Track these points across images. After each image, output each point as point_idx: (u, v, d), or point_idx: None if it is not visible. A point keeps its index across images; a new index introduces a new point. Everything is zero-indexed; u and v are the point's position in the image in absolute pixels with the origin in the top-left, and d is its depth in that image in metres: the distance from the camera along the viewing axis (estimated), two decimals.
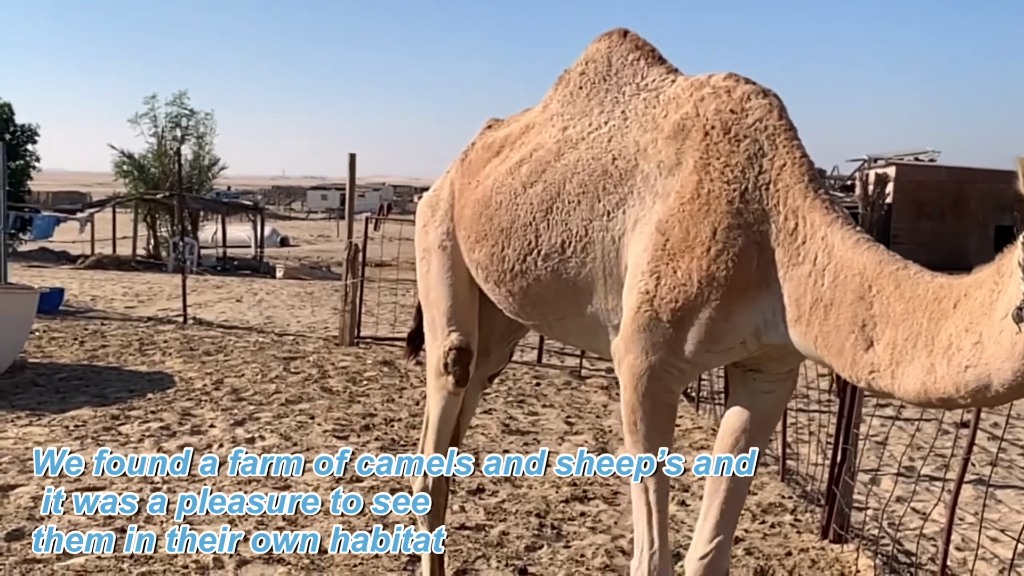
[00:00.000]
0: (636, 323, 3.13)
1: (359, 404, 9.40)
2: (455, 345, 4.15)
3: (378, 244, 18.86)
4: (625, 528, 6.07)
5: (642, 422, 3.14)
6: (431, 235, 4.26)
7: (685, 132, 3.26)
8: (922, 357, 2.58)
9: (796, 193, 3.00)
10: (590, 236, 3.40)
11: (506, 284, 3.75)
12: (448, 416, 4.36)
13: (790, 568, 5.52)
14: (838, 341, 2.80)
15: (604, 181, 3.40)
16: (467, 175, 4.11)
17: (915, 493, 6.62)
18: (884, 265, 2.76)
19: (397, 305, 17.03)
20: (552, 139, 3.71)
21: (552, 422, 9.14)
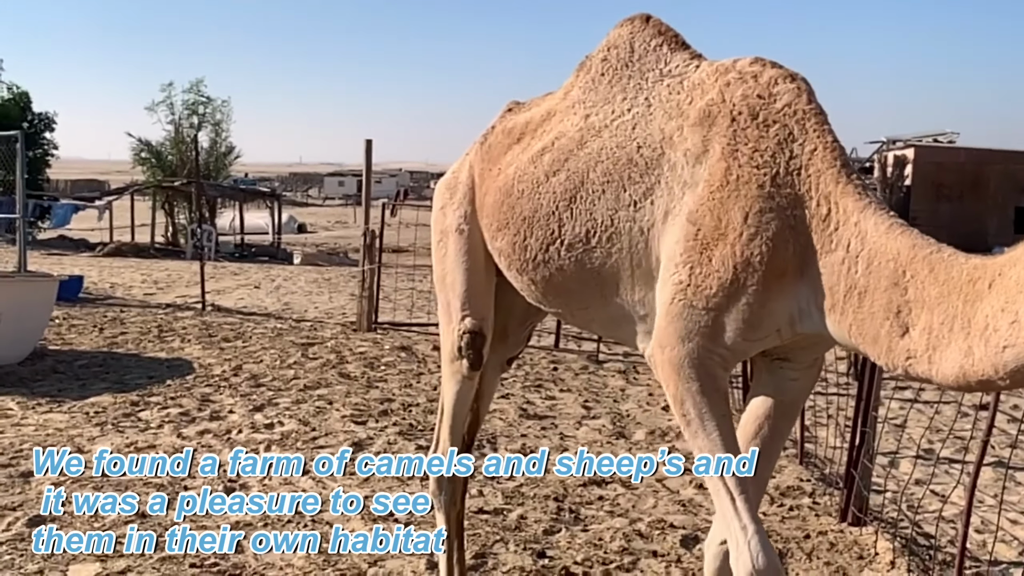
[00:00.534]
0: (670, 314, 3.05)
1: (377, 389, 9.43)
2: (469, 329, 4.10)
3: (395, 230, 18.83)
4: (643, 512, 6.08)
5: (695, 409, 3.01)
6: (449, 218, 4.21)
7: (711, 119, 3.19)
8: (959, 340, 2.53)
9: (828, 178, 2.94)
10: (616, 226, 3.34)
11: (528, 273, 3.70)
12: (463, 400, 4.33)
13: (808, 551, 5.52)
14: (873, 328, 2.75)
15: (629, 170, 3.33)
16: (487, 160, 4.06)
17: (934, 476, 6.62)
18: (917, 249, 2.70)
19: (414, 291, 17.04)
20: (574, 127, 3.65)
21: (569, 407, 9.15)
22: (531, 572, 5.05)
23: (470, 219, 4.11)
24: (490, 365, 4.51)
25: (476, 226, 4.08)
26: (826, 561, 5.37)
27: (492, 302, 4.21)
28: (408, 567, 5.04)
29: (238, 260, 30.39)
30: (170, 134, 39.71)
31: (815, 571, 5.24)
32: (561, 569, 5.09)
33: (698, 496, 6.45)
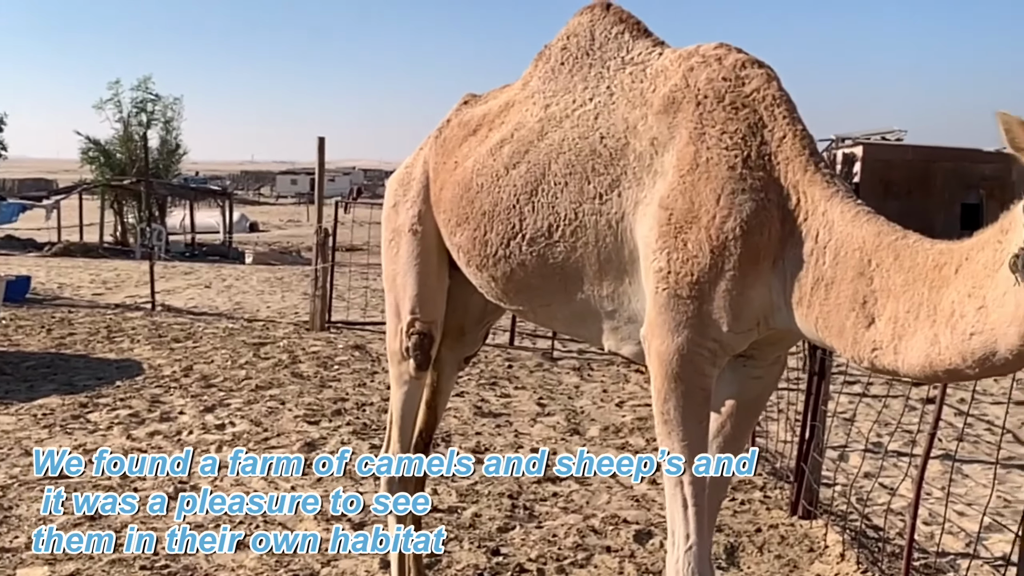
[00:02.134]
0: (657, 304, 2.99)
1: (330, 389, 9.38)
2: (418, 331, 4.05)
3: (348, 228, 18.80)
4: (597, 507, 6.11)
5: (676, 410, 2.97)
6: (402, 216, 4.11)
7: (676, 105, 3.13)
8: (925, 328, 2.48)
9: (796, 167, 2.90)
10: (580, 220, 3.26)
11: (489, 269, 3.61)
12: (412, 401, 4.27)
13: (760, 544, 5.57)
14: (839, 320, 2.71)
15: (593, 161, 3.26)
16: (443, 154, 3.96)
17: (882, 469, 6.70)
18: (883, 236, 2.67)
19: (368, 290, 16.98)
20: (534, 117, 3.56)
21: (524, 404, 9.16)
22: (485, 570, 5.05)
23: (424, 218, 4.01)
24: (447, 364, 4.49)
25: (430, 225, 3.99)
26: (777, 554, 5.43)
27: (444, 303, 4.15)
28: (361, 567, 5.02)
29: (189, 259, 30.08)
30: (119, 132, 39.25)
31: (766, 564, 5.29)
32: (515, 566, 5.10)
33: (651, 491, 6.49)
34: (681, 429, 2.97)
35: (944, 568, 5.38)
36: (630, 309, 3.23)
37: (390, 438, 4.38)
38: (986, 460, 7.42)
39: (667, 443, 3.01)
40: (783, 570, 5.22)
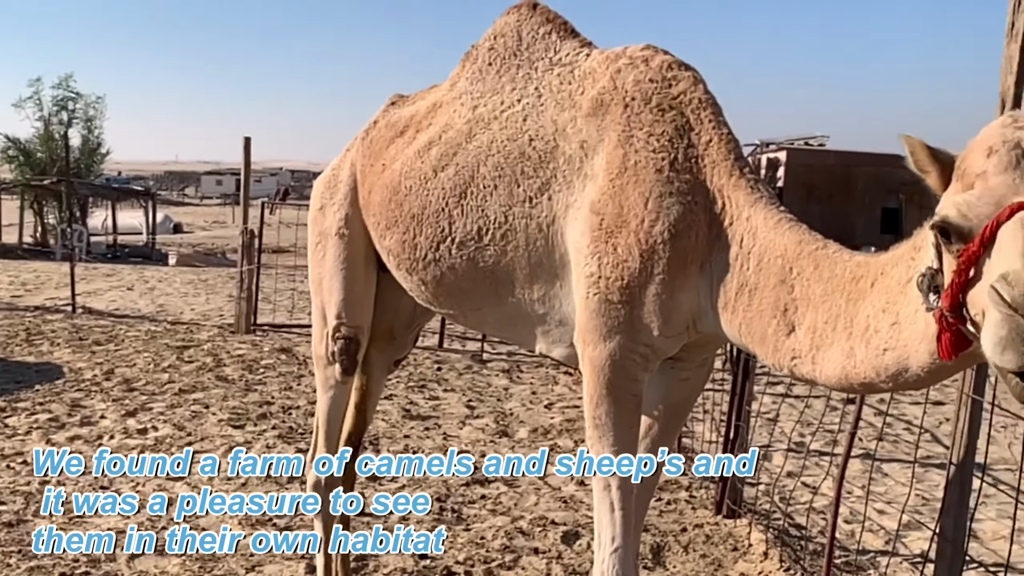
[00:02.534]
0: (588, 309, 2.99)
1: (256, 393, 9.26)
2: (343, 335, 4.01)
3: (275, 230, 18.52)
4: (525, 509, 6.12)
5: (607, 416, 2.98)
6: (328, 219, 4.06)
7: (604, 107, 3.12)
8: (841, 340, 2.50)
9: (722, 171, 2.90)
10: (510, 223, 3.23)
11: (418, 273, 3.57)
12: (338, 405, 4.22)
13: (685, 544, 5.63)
14: (761, 327, 2.72)
15: (522, 164, 3.23)
16: (371, 156, 3.91)
17: (805, 468, 6.82)
18: (804, 245, 2.68)
19: (295, 292, 16.78)
20: (462, 119, 3.53)
21: (453, 406, 9.14)
22: (413, 573, 5.02)
23: (351, 221, 3.96)
24: (376, 367, 4.46)
25: (358, 228, 3.94)
26: (702, 553, 5.49)
27: (371, 308, 4.11)
28: (287, 571, 4.97)
29: (110, 261, 29.47)
30: (39, 131, 38.36)
31: (691, 563, 5.35)
32: (443, 569, 5.08)
33: (579, 492, 6.52)
34: (612, 434, 2.99)
35: (865, 565, 5.49)
36: (561, 312, 3.22)
37: (316, 442, 4.34)
38: (905, 459, 7.59)
39: (597, 447, 3.02)
40: (708, 569, 5.29)
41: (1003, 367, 1.98)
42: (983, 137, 2.22)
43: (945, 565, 3.79)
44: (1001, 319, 1.96)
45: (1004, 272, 1.97)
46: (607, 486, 3.00)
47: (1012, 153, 2.12)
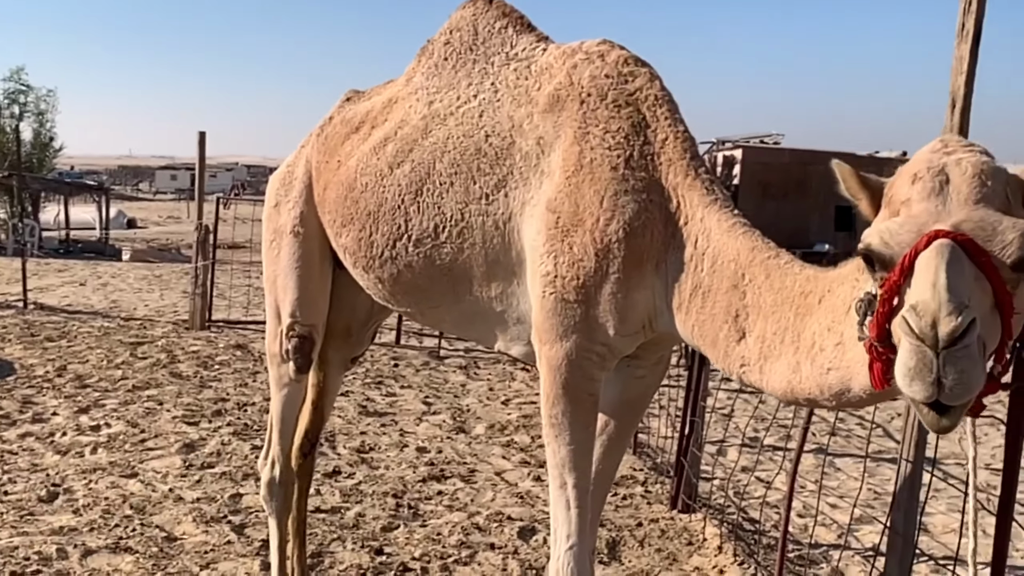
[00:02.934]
0: (544, 308, 2.96)
1: (210, 389, 9.18)
2: (298, 334, 3.97)
3: (230, 225, 18.44)
4: (481, 505, 6.13)
5: (564, 415, 2.97)
6: (283, 217, 4.01)
7: (561, 103, 3.10)
8: (788, 354, 2.49)
9: (678, 170, 2.88)
10: (467, 220, 3.19)
11: (375, 270, 3.53)
12: (292, 404, 4.19)
13: (640, 538, 5.67)
14: (713, 331, 2.71)
15: (478, 160, 3.20)
16: (326, 152, 3.86)
17: (759, 463, 6.88)
18: (756, 252, 2.67)
19: (251, 288, 16.68)
20: (418, 115, 3.49)
21: (410, 403, 9.13)
22: (368, 569, 5.01)
23: (306, 219, 3.92)
24: (333, 364, 4.42)
25: (313, 226, 3.90)
26: (657, 548, 5.53)
27: (326, 306, 4.08)
28: (242, 568, 4.94)
29: (63, 256, 29.07)
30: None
31: (647, 558, 5.38)
32: (399, 565, 5.08)
33: (536, 488, 6.54)
34: (568, 433, 2.98)
35: (817, 559, 5.55)
36: (519, 310, 3.20)
37: (270, 440, 4.30)
38: (857, 454, 7.69)
39: (554, 445, 3.01)
40: (663, 563, 5.33)
41: (912, 398, 1.97)
42: (911, 163, 2.22)
43: (896, 558, 3.84)
44: (910, 349, 1.95)
45: (914, 302, 1.96)
46: (563, 484, 3.00)
47: (936, 180, 2.12)
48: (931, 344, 1.90)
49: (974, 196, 2.07)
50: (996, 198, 2.09)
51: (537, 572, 5.09)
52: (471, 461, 7.19)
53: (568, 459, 2.99)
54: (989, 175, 2.11)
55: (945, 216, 2.06)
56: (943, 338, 1.89)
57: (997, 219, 2.04)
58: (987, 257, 2.00)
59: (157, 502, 5.86)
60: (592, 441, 3.11)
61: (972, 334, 1.90)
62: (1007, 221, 2.03)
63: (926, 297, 1.93)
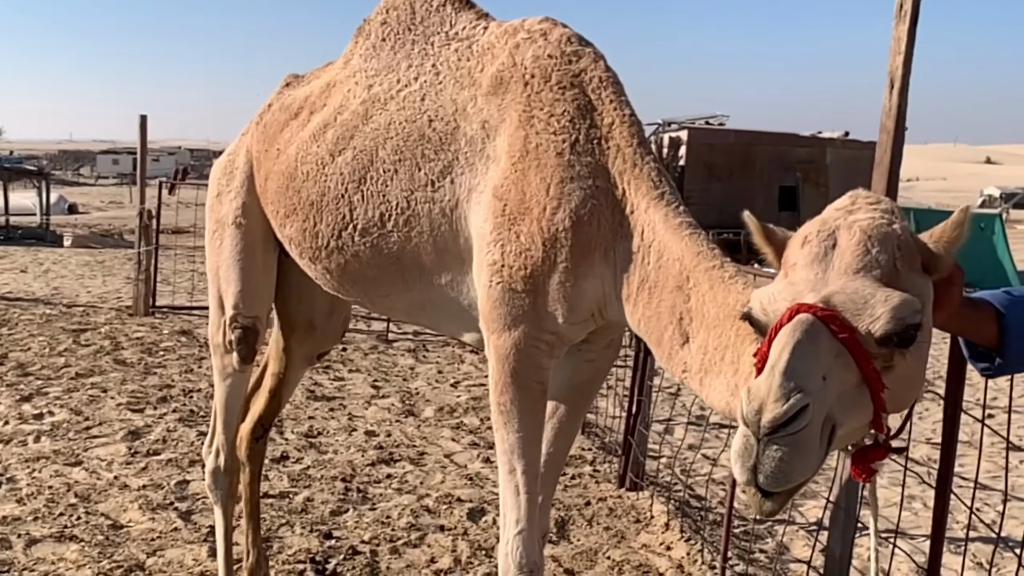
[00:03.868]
0: (491, 298, 2.92)
1: (155, 376, 9.08)
2: (241, 325, 3.93)
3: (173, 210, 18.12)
4: (430, 487, 6.14)
5: (512, 403, 2.95)
6: (225, 207, 3.93)
7: (504, 85, 3.04)
8: (728, 374, 2.46)
9: (625, 157, 2.83)
10: (413, 208, 3.13)
11: (322, 261, 3.47)
12: (236, 393, 4.13)
13: (589, 517, 5.72)
14: (659, 330, 2.68)
15: (422, 147, 3.13)
16: (265, 141, 3.77)
17: (705, 440, 6.97)
18: (701, 259, 2.62)
19: (195, 273, 16.44)
20: (357, 99, 3.41)
21: (359, 387, 9.10)
22: (317, 553, 5.01)
23: (249, 210, 3.85)
24: (296, 358, 4.36)
25: (256, 217, 3.83)
26: (605, 526, 5.58)
27: (270, 297, 4.04)
28: (189, 555, 4.91)
29: (2, 243, 28.47)
30: None
31: (595, 536, 5.43)
32: (348, 548, 5.08)
33: (485, 469, 6.57)
34: (517, 420, 2.97)
35: (762, 534, 5.65)
36: (469, 298, 3.16)
37: (215, 429, 4.25)
38: None
39: (502, 432, 3.00)
40: (611, 541, 5.38)
41: (737, 479, 1.95)
42: (809, 223, 2.18)
43: (839, 532, 3.92)
44: (738, 435, 1.93)
45: (750, 384, 1.93)
46: (512, 470, 3.00)
47: (822, 245, 2.08)
48: (753, 431, 1.88)
49: (855, 265, 2.03)
50: (879, 267, 2.04)
51: (487, 552, 5.12)
52: (420, 444, 7.19)
53: (517, 446, 2.98)
54: (876, 241, 2.06)
55: (821, 286, 2.03)
56: (764, 425, 1.86)
57: (871, 291, 2.00)
58: (851, 333, 1.96)
59: (102, 490, 5.80)
60: (541, 428, 3.10)
61: (801, 420, 1.86)
62: (880, 294, 1.99)
63: (760, 380, 1.91)
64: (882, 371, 2.01)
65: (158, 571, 4.72)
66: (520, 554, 2.99)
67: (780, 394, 1.86)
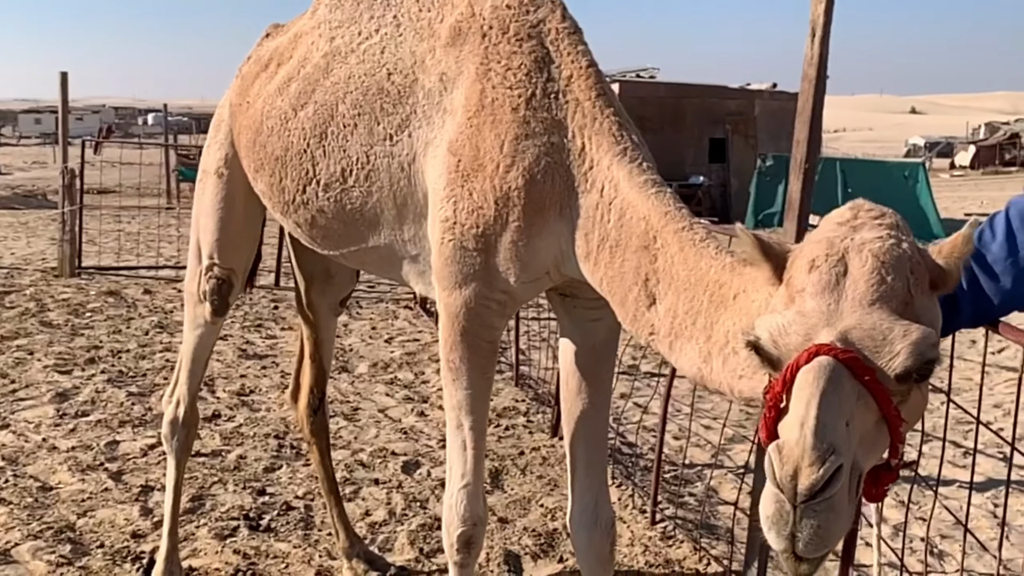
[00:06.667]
0: (443, 255, 2.88)
1: (83, 337, 8.93)
2: (215, 275, 3.91)
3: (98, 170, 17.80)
4: (365, 442, 6.16)
5: (462, 361, 2.93)
6: (210, 158, 3.93)
7: (463, 36, 2.98)
8: (700, 340, 2.38)
9: (585, 111, 2.76)
10: (373, 163, 3.09)
11: (291, 215, 3.45)
12: (204, 345, 4.10)
13: (523, 466, 5.78)
14: (622, 290, 2.60)
15: (381, 100, 3.09)
16: (240, 93, 3.74)
17: (636, 389, 7.07)
18: (669, 219, 2.53)
19: (122, 233, 16.20)
20: (320, 52, 3.36)
21: (291, 344, 9.00)
22: (251, 510, 5.00)
23: (231, 161, 3.83)
24: (321, 311, 4.36)
25: (237, 169, 3.80)
26: (539, 475, 5.65)
27: (249, 250, 4.03)
28: (121, 514, 4.87)
29: None
30: None
31: (528, 484, 5.50)
32: (282, 504, 5.08)
33: (419, 423, 6.60)
34: (466, 378, 2.96)
35: (691, 478, 5.76)
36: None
37: (177, 379, 4.19)
38: None
39: (451, 389, 3.00)
40: (544, 489, 5.45)
41: (771, 546, 1.88)
42: (813, 243, 2.07)
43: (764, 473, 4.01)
44: (769, 496, 1.84)
45: (779, 441, 1.84)
46: (460, 426, 3.01)
47: (833, 272, 1.98)
48: (789, 497, 1.79)
49: (870, 296, 1.94)
50: (895, 296, 1.95)
51: (421, 504, 5.16)
52: (354, 400, 7.19)
53: (465, 402, 2.99)
54: (890, 269, 1.96)
55: (836, 319, 1.93)
56: (802, 492, 1.78)
57: (889, 326, 1.91)
58: (871, 375, 1.89)
59: (30, 452, 5.72)
60: (490, 385, 3.09)
61: (836, 483, 1.79)
62: (899, 328, 1.91)
63: (792, 439, 1.81)
64: (899, 404, 1.94)
65: (89, 531, 4.68)
66: (464, 507, 3.02)
67: (814, 457, 1.77)
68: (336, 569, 4.40)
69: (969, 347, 8.63)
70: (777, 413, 1.97)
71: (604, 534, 3.29)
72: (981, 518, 5.27)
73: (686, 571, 4.53)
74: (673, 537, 4.86)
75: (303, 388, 4.49)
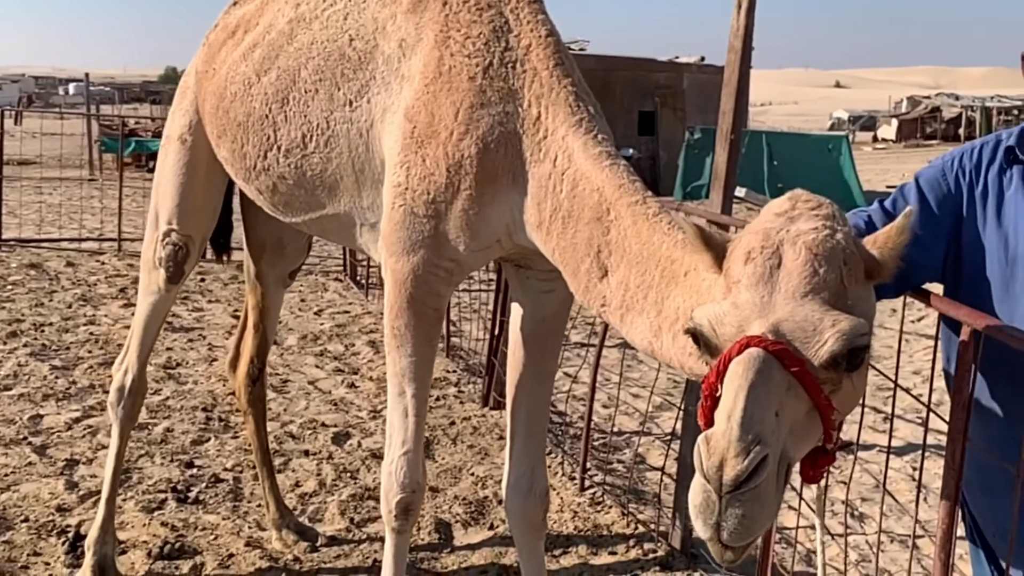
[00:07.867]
0: (393, 220, 2.88)
1: (3, 310, 8.72)
2: (172, 242, 3.86)
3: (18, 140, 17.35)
4: (295, 414, 6.14)
5: (407, 328, 2.93)
6: (174, 123, 3.90)
7: (423, 3, 2.99)
8: (651, 315, 2.39)
9: (542, 81, 2.77)
10: (332, 129, 3.11)
11: (253, 182, 3.44)
12: (157, 313, 4.03)
13: (454, 436, 5.82)
14: (574, 260, 2.61)
15: (342, 66, 3.10)
16: (206, 60, 3.71)
17: (566, 359, 7.13)
18: (623, 193, 2.54)
19: (43, 205, 15.86)
20: (284, 18, 3.36)
21: (218, 317, 8.96)
22: (179, 483, 4.96)
23: (195, 128, 3.80)
24: (270, 280, 4.31)
25: (200, 136, 3.77)
26: (470, 444, 5.69)
27: (208, 218, 3.98)
28: (45, 488, 4.80)
29: None
30: None
31: (459, 454, 5.54)
32: (211, 477, 5.05)
33: (350, 394, 6.60)
34: (410, 345, 2.96)
35: (620, 445, 5.85)
36: None
37: (128, 347, 4.11)
38: None
39: (394, 355, 3.01)
40: (475, 458, 5.49)
41: (699, 534, 1.91)
42: (751, 233, 2.09)
43: (691, 439, 4.07)
44: (697, 486, 1.87)
45: (708, 432, 1.87)
46: (402, 393, 3.02)
47: (767, 264, 2.00)
48: (715, 487, 1.82)
49: (803, 288, 1.97)
50: (828, 288, 1.97)
51: (351, 475, 5.16)
52: (283, 372, 7.16)
53: (408, 369, 2.99)
54: (823, 261, 1.98)
55: (769, 311, 1.95)
56: (726, 483, 1.81)
57: (820, 317, 1.94)
58: (801, 366, 1.91)
59: None
60: (434, 353, 3.11)
61: (761, 474, 1.82)
62: (828, 318, 1.93)
63: (719, 430, 1.84)
64: (830, 393, 1.97)
65: (13, 506, 4.61)
66: (404, 473, 3.05)
67: (740, 448, 1.80)
68: (266, 540, 4.39)
69: (890, 315, 8.83)
70: (713, 402, 1.98)
71: (538, 502, 3.35)
72: (900, 481, 5.44)
73: (614, 535, 4.61)
74: (602, 503, 4.93)
75: (243, 357, 4.45)
